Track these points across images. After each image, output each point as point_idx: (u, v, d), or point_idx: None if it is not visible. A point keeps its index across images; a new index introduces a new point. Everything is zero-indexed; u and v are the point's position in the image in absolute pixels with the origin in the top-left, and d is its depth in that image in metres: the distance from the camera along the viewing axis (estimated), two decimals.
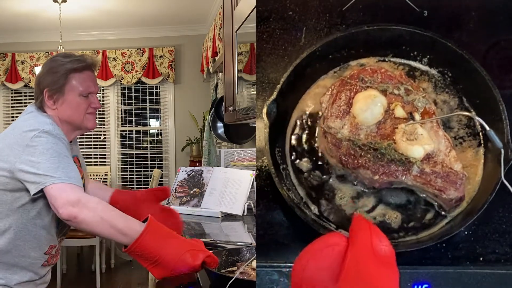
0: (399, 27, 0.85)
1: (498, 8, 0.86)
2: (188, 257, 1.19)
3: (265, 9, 0.87)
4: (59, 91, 1.44)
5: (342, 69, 0.88)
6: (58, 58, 1.49)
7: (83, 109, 1.48)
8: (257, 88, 0.87)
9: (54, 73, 1.45)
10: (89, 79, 1.49)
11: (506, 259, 0.83)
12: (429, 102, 0.84)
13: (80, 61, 1.47)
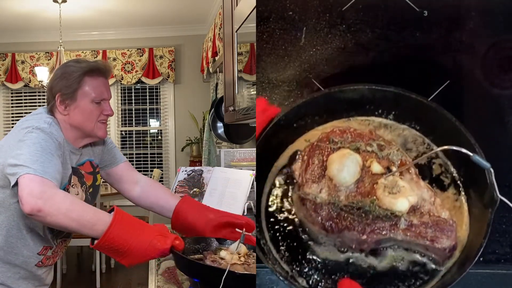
0: (360, 86, 0.84)
1: (498, 8, 0.86)
2: (157, 242, 1.20)
3: (265, 9, 0.87)
4: (71, 96, 1.43)
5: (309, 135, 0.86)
6: (71, 64, 1.48)
7: (95, 116, 1.46)
8: (257, 88, 0.87)
9: (67, 78, 1.44)
10: (103, 85, 1.48)
11: (506, 259, 0.83)
12: (404, 154, 0.82)
13: (94, 66, 1.46)
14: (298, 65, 0.89)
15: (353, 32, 0.88)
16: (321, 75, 0.89)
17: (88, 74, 1.44)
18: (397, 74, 0.89)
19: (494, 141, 0.87)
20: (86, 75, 1.44)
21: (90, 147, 1.56)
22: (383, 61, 0.89)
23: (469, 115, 0.87)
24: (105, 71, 1.50)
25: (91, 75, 1.45)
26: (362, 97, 0.85)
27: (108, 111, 1.49)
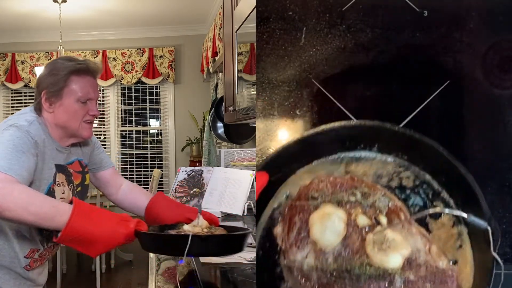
0: (336, 125, 0.79)
1: (498, 8, 0.86)
2: (120, 228, 1.21)
3: (265, 9, 0.87)
4: (57, 94, 1.42)
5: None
6: (60, 61, 1.47)
7: (80, 116, 1.45)
8: (257, 88, 0.87)
9: (54, 75, 1.43)
10: (89, 84, 1.46)
11: (506, 259, 0.83)
12: (392, 198, 0.75)
13: (82, 65, 1.45)
14: (298, 65, 0.89)
15: (353, 32, 0.88)
16: (321, 75, 0.89)
17: (75, 73, 1.43)
18: (397, 74, 0.89)
19: (494, 141, 0.87)
20: (73, 74, 1.43)
21: (79, 147, 1.56)
22: (383, 61, 0.89)
23: (469, 115, 0.87)
24: (93, 71, 1.48)
25: (78, 74, 1.44)
26: (337, 137, 0.81)
27: (93, 111, 1.47)
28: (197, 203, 2.31)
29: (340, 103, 0.87)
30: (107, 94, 6.04)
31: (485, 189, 0.85)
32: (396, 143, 0.81)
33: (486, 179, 0.85)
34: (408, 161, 0.81)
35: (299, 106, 0.88)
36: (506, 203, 0.83)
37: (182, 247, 1.10)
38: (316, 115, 0.87)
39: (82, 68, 1.44)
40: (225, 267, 1.36)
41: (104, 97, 6.06)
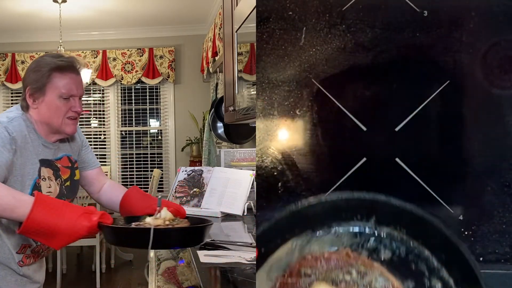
0: (333, 197, 0.76)
1: (498, 8, 0.86)
2: (83, 220, 1.22)
3: (265, 9, 0.87)
4: (40, 90, 1.44)
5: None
6: (46, 57, 1.48)
7: (63, 112, 1.46)
8: (257, 88, 0.87)
9: (37, 71, 1.44)
10: (72, 81, 1.47)
11: (506, 259, 0.83)
12: (389, 278, 0.71)
13: (66, 62, 1.46)
14: (298, 65, 0.89)
15: (353, 32, 0.88)
16: (321, 75, 0.89)
17: (58, 70, 1.44)
18: (397, 74, 0.89)
19: (494, 141, 0.87)
20: (56, 71, 1.44)
21: (67, 142, 1.58)
22: (383, 61, 0.89)
23: (469, 115, 0.87)
24: (77, 68, 1.49)
25: (61, 71, 1.44)
26: (332, 207, 0.77)
27: (76, 107, 1.48)
28: (197, 203, 2.31)
29: (340, 103, 0.88)
30: (107, 94, 6.04)
31: (485, 189, 0.85)
32: (395, 217, 0.79)
33: (486, 179, 0.85)
34: (407, 236, 0.79)
35: (299, 106, 0.88)
36: (506, 203, 0.83)
37: (141, 240, 1.12)
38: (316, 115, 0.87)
39: (64, 65, 1.45)
40: (225, 267, 1.36)
41: (104, 97, 6.06)
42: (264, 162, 0.86)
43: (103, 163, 6.03)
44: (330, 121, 0.88)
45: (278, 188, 0.87)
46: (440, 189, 0.86)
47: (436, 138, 0.88)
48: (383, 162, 0.87)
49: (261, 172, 0.86)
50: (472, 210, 0.85)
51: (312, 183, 0.87)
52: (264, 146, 0.87)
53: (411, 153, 0.87)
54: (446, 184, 0.87)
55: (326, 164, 0.88)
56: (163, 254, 1.71)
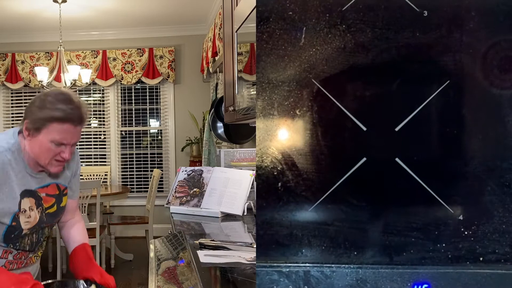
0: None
1: (498, 8, 0.86)
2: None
3: (265, 9, 0.87)
4: (36, 129, 1.46)
5: None
6: (51, 99, 1.47)
7: (51, 155, 1.48)
8: (257, 88, 0.87)
9: (39, 111, 1.46)
10: (69, 132, 1.47)
11: (506, 259, 0.83)
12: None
13: (70, 113, 1.45)
14: (298, 65, 0.89)
15: (353, 32, 0.88)
16: (321, 75, 0.89)
17: (57, 121, 1.45)
18: (397, 74, 0.89)
19: (494, 141, 0.87)
20: (55, 121, 1.45)
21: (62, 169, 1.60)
22: (383, 61, 0.89)
23: (469, 115, 0.87)
24: (77, 120, 1.49)
25: (60, 122, 1.45)
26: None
27: (65, 154, 1.49)
28: (197, 203, 2.31)
29: (340, 103, 0.88)
30: (107, 94, 6.04)
31: (485, 189, 0.85)
32: None
33: (486, 179, 0.85)
34: None
35: (299, 106, 0.88)
36: (506, 203, 0.83)
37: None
38: (316, 115, 0.88)
39: (65, 117, 1.45)
40: (225, 267, 1.36)
41: (104, 97, 6.06)
42: (264, 162, 0.86)
43: (103, 163, 6.03)
44: (330, 121, 0.88)
45: (278, 188, 0.87)
46: (440, 189, 0.86)
47: (436, 138, 0.88)
48: (383, 162, 0.87)
49: (261, 172, 0.86)
50: (472, 210, 0.86)
51: (312, 183, 0.87)
52: (264, 146, 0.87)
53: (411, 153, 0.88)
54: (446, 184, 0.87)
55: (326, 164, 0.88)
56: (163, 254, 1.71)
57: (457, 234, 0.83)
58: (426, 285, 0.84)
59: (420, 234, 0.86)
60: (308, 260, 0.87)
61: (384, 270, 0.87)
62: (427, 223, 0.87)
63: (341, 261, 0.87)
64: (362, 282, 0.87)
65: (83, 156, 6.03)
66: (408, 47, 0.89)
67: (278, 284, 0.85)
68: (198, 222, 2.16)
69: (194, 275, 1.32)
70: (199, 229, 2.08)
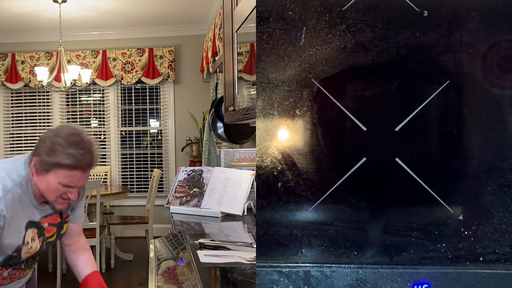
0: None
1: (498, 8, 0.86)
2: None
3: (265, 9, 0.87)
4: (44, 170, 1.45)
5: None
6: (62, 142, 1.45)
7: (58, 194, 1.48)
8: (257, 88, 0.87)
9: (49, 154, 1.44)
10: (77, 177, 1.47)
11: (506, 259, 0.83)
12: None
13: (76, 160, 1.44)
14: (298, 65, 0.89)
15: (353, 32, 0.88)
16: (321, 75, 0.89)
17: (67, 168, 1.44)
18: (397, 74, 0.89)
19: (494, 141, 0.87)
20: (64, 168, 1.44)
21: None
22: (383, 61, 0.89)
23: (469, 115, 0.87)
24: (88, 167, 1.49)
25: (70, 169, 1.45)
26: None
27: (72, 195, 1.49)
28: (197, 203, 2.31)
29: (340, 103, 0.88)
30: (107, 94, 6.04)
31: (485, 189, 0.85)
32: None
33: (486, 179, 0.85)
34: None
35: (299, 106, 0.88)
36: (506, 203, 0.83)
37: None
38: (316, 115, 0.88)
39: (74, 165, 1.44)
40: (225, 267, 1.36)
41: (104, 97, 6.06)
42: (264, 162, 0.86)
43: (103, 163, 6.03)
44: (330, 121, 0.88)
45: (278, 188, 0.87)
46: (440, 189, 0.86)
47: (436, 138, 0.88)
48: (383, 162, 0.88)
49: (261, 172, 0.86)
50: (472, 210, 0.86)
51: (312, 183, 0.87)
52: (264, 146, 0.87)
53: (411, 153, 0.88)
54: (446, 184, 0.87)
55: (326, 164, 0.88)
56: (163, 254, 1.71)
57: (457, 234, 0.83)
58: (426, 285, 0.84)
59: (420, 234, 0.86)
60: (308, 260, 0.87)
61: (384, 270, 0.87)
62: (427, 223, 0.87)
63: (341, 261, 0.87)
64: (362, 282, 0.87)
65: None
66: (408, 47, 0.89)
67: (278, 284, 0.85)
68: (198, 222, 2.16)
69: (194, 275, 1.32)
70: (199, 229, 2.08)
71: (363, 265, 0.87)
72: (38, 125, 6.02)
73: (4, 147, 6.01)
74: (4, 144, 6.01)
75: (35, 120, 6.02)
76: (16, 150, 6.02)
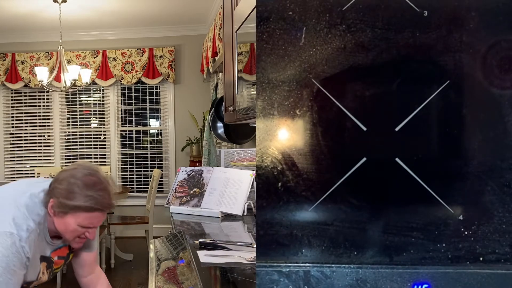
0: None
1: (498, 8, 0.86)
2: None
3: (265, 9, 0.87)
4: (63, 212, 1.44)
5: None
6: (80, 184, 1.43)
7: (76, 234, 1.48)
8: (257, 88, 0.87)
9: (67, 197, 1.42)
10: (96, 218, 1.46)
11: (506, 259, 0.83)
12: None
13: (96, 202, 1.43)
14: (298, 65, 0.89)
15: (353, 32, 0.88)
16: (321, 75, 0.89)
17: (87, 211, 1.44)
18: (397, 74, 0.89)
19: (494, 141, 0.87)
20: (84, 211, 1.43)
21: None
22: (383, 61, 0.89)
23: (469, 115, 0.87)
24: (107, 208, 1.48)
25: (90, 212, 1.44)
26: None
27: (90, 235, 1.50)
28: (197, 203, 2.31)
29: (340, 103, 0.88)
30: (107, 94, 6.04)
31: (485, 189, 0.85)
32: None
33: (486, 179, 0.85)
34: None
35: (299, 106, 0.88)
36: (506, 203, 0.83)
37: None
38: (316, 115, 0.88)
39: (94, 207, 1.43)
40: (225, 267, 1.36)
41: (104, 97, 6.06)
42: (264, 162, 0.86)
43: (103, 163, 6.03)
44: (330, 121, 0.88)
45: (278, 188, 0.87)
46: (440, 189, 0.86)
47: (436, 138, 0.88)
48: (383, 162, 0.88)
49: (261, 172, 0.86)
50: (472, 210, 0.86)
51: (312, 183, 0.87)
52: (264, 146, 0.87)
53: (411, 153, 0.88)
54: (446, 184, 0.87)
55: (326, 164, 0.88)
56: (163, 254, 1.71)
57: (457, 234, 0.83)
58: (426, 285, 0.84)
59: (420, 234, 0.86)
60: (308, 260, 0.87)
61: (384, 270, 0.87)
62: (427, 223, 0.87)
63: (341, 261, 0.87)
64: (362, 282, 0.87)
65: (83, 156, 6.03)
66: (408, 47, 0.89)
67: (278, 284, 0.85)
68: (198, 222, 2.16)
69: (194, 275, 1.32)
70: (199, 229, 2.08)
71: (363, 265, 0.87)
72: (38, 125, 6.02)
73: (4, 147, 6.01)
74: (4, 144, 6.01)
75: (35, 120, 6.02)
76: (16, 150, 6.02)
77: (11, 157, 6.02)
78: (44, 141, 6.03)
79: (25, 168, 5.98)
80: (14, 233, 1.37)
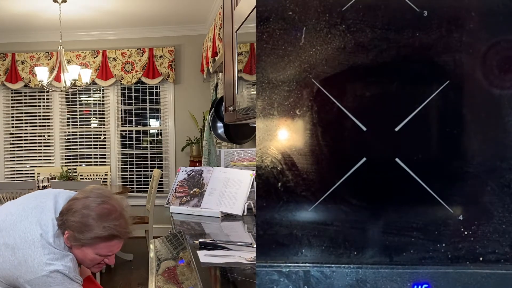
0: None
1: (498, 8, 0.86)
2: None
3: (265, 9, 0.87)
4: (79, 244, 1.43)
5: None
6: (95, 216, 1.41)
7: (95, 262, 1.48)
8: (257, 88, 0.88)
9: (83, 230, 1.40)
10: (115, 245, 1.46)
11: (506, 259, 0.83)
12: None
13: (113, 231, 1.42)
14: (298, 65, 0.89)
15: (353, 32, 0.88)
16: (321, 75, 0.89)
17: (105, 240, 1.43)
18: (397, 74, 0.89)
19: (494, 141, 0.87)
20: (103, 241, 1.43)
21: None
22: (383, 61, 0.89)
23: (468, 115, 0.87)
24: (125, 235, 1.48)
25: (108, 241, 1.43)
26: None
27: (110, 261, 1.49)
28: (197, 203, 2.31)
29: (340, 103, 0.88)
30: (107, 94, 6.04)
31: (485, 189, 0.85)
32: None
33: (486, 179, 0.85)
34: None
35: (299, 106, 0.88)
36: (506, 203, 0.83)
37: None
38: (316, 115, 0.88)
39: (112, 236, 1.43)
40: (225, 267, 1.36)
41: (104, 97, 6.06)
42: (264, 162, 0.86)
43: (103, 163, 6.03)
44: (330, 121, 0.88)
45: (278, 188, 0.87)
46: (440, 189, 0.86)
47: (436, 138, 0.88)
48: (383, 162, 0.88)
49: (261, 172, 0.86)
50: (472, 210, 0.86)
51: (312, 183, 0.87)
52: (264, 146, 0.87)
53: (411, 153, 0.88)
54: (446, 184, 0.87)
55: (326, 164, 0.88)
56: (163, 254, 1.71)
57: (457, 234, 0.83)
58: (426, 285, 0.84)
59: (420, 234, 0.86)
60: (308, 260, 0.87)
61: (384, 270, 0.87)
62: (427, 223, 0.87)
63: (341, 261, 0.87)
64: (362, 282, 0.87)
65: (83, 156, 6.03)
66: (408, 47, 0.89)
67: (278, 284, 0.85)
68: (198, 222, 2.16)
69: (194, 275, 1.32)
70: (199, 229, 2.08)
71: (363, 265, 0.87)
72: (38, 125, 6.02)
73: (4, 147, 6.01)
74: (4, 144, 6.01)
75: (35, 120, 6.02)
76: (16, 150, 6.02)
77: (11, 157, 6.02)
78: (44, 141, 6.03)
79: (25, 168, 5.98)
80: (59, 269, 1.39)
